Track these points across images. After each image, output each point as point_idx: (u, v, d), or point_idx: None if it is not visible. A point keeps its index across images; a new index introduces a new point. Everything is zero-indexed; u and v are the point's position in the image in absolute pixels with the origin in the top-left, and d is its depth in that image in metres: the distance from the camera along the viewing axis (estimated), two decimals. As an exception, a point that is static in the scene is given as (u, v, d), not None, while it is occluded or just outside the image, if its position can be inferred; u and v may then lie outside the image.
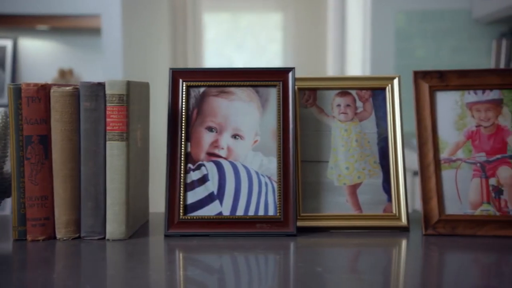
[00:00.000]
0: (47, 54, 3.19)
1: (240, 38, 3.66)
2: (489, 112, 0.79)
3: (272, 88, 0.79)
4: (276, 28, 3.61)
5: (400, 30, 2.44)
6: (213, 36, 3.66)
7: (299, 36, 3.54)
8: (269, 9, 3.67)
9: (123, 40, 2.96)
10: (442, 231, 0.76)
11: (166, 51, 3.44)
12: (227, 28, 3.69)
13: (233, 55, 3.71)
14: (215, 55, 3.70)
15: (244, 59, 3.67)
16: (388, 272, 0.68)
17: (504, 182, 0.77)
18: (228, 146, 0.77)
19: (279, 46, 3.63)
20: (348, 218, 0.78)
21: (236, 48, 3.70)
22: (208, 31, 3.64)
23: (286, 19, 3.61)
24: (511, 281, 0.64)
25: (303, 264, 0.67)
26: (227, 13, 3.74)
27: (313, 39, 3.50)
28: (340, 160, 0.80)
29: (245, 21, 3.69)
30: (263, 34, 3.66)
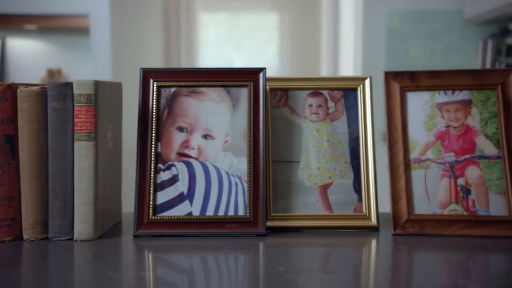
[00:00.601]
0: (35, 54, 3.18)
1: (237, 38, 3.66)
2: (459, 112, 0.80)
3: (243, 88, 0.79)
4: (272, 28, 3.61)
5: (392, 30, 2.45)
6: (211, 36, 3.66)
7: (296, 36, 3.55)
8: (265, 9, 3.67)
9: (112, 39, 2.95)
10: (411, 230, 0.76)
11: (159, 51, 3.43)
12: (223, 29, 3.69)
13: (231, 56, 3.70)
14: (212, 56, 3.69)
15: (242, 60, 3.66)
16: (358, 272, 0.68)
17: (472, 182, 0.77)
18: (199, 146, 0.77)
19: (276, 47, 3.63)
20: (318, 218, 0.78)
21: (233, 49, 3.70)
22: (204, 31, 3.63)
23: (282, 20, 3.61)
24: (478, 280, 0.65)
25: (273, 264, 0.68)
26: (223, 13, 3.74)
27: (309, 39, 3.50)
28: (311, 160, 0.81)
29: (242, 21, 3.69)
30: (261, 35, 3.66)
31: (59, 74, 3.13)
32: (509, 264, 0.71)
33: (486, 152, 0.78)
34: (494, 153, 0.78)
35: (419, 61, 2.45)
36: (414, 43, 2.45)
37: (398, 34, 2.45)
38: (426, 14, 2.43)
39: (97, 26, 2.94)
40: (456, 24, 2.43)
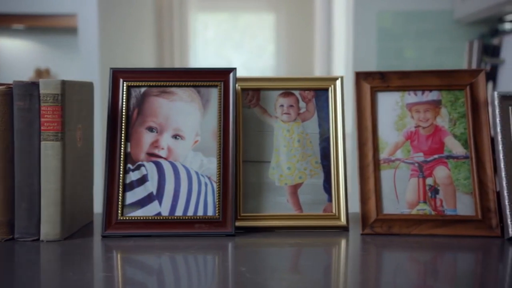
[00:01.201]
0: (23, 54, 3.16)
1: (231, 38, 3.66)
2: (428, 113, 0.80)
3: (213, 88, 0.79)
4: (269, 28, 3.61)
5: (383, 30, 2.46)
6: (204, 36, 3.65)
7: (292, 36, 3.55)
8: (261, 9, 3.67)
9: (100, 39, 2.94)
10: (379, 230, 0.77)
11: (150, 51, 3.42)
12: (217, 28, 3.68)
13: (226, 56, 3.70)
14: (207, 56, 3.68)
15: (237, 60, 3.66)
16: (327, 271, 0.68)
17: (440, 182, 0.78)
18: (169, 146, 0.77)
19: (273, 47, 3.63)
20: (288, 218, 0.79)
21: (228, 49, 3.70)
22: (196, 31, 3.63)
23: (278, 20, 3.62)
24: (446, 279, 0.66)
25: (242, 264, 0.68)
26: (217, 13, 3.74)
27: (305, 39, 3.51)
28: (282, 160, 0.81)
29: (238, 21, 3.69)
30: (257, 35, 3.66)
31: (48, 74, 3.11)
32: (476, 263, 0.72)
33: (454, 152, 0.79)
34: (462, 153, 0.79)
35: (410, 61, 2.46)
36: (405, 43, 2.46)
37: (389, 34, 2.46)
38: (417, 15, 2.44)
39: (85, 26, 2.93)
40: (447, 24, 2.44)
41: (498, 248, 0.72)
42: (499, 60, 2.19)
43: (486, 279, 0.65)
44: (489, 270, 0.68)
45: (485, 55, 2.25)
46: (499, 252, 0.72)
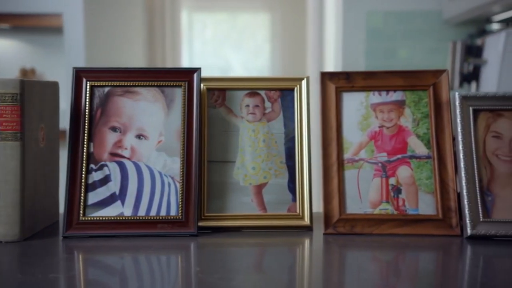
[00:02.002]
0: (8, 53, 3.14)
1: (225, 38, 3.65)
2: (392, 113, 0.81)
3: (177, 88, 0.79)
4: (264, 28, 3.61)
5: (372, 30, 2.47)
6: (200, 36, 3.64)
7: (287, 36, 3.56)
8: (257, 9, 3.67)
9: (85, 39, 2.93)
10: (342, 230, 0.77)
11: (141, 51, 3.40)
12: (211, 28, 3.67)
13: (221, 56, 3.69)
14: (204, 56, 3.67)
15: (230, 60, 3.66)
16: (291, 271, 0.68)
17: (403, 182, 0.78)
18: (132, 146, 0.77)
19: (268, 46, 3.63)
20: (253, 218, 0.79)
21: (221, 49, 3.69)
22: (191, 31, 3.61)
23: (273, 20, 3.62)
24: (408, 278, 0.66)
25: (205, 264, 0.68)
26: (211, 13, 3.73)
27: (299, 38, 3.51)
28: (247, 160, 0.81)
29: (232, 21, 3.69)
30: (252, 34, 3.66)
31: (33, 74, 3.09)
32: (437, 262, 0.72)
33: (417, 152, 0.79)
34: (424, 153, 0.79)
35: (399, 61, 2.47)
36: (394, 43, 2.48)
37: (378, 34, 2.47)
38: (407, 15, 2.46)
39: (70, 26, 2.91)
40: (436, 24, 2.46)
41: (457, 247, 0.73)
42: (482, 61, 2.21)
43: (447, 278, 0.65)
44: (449, 269, 0.69)
45: (468, 55, 2.27)
46: (458, 251, 0.72)
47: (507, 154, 0.75)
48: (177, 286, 0.61)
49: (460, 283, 0.64)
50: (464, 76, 2.28)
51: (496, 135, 0.75)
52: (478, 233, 0.72)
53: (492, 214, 0.73)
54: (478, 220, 0.73)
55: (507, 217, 0.72)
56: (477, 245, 0.72)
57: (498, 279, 0.63)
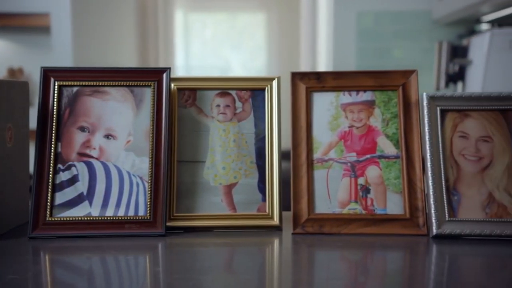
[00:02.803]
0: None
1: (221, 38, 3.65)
2: (362, 113, 0.81)
3: (147, 88, 0.79)
4: (260, 28, 3.61)
5: (362, 31, 2.47)
6: (197, 36, 3.63)
7: (283, 35, 3.56)
8: (253, 9, 3.67)
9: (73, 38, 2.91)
10: (310, 230, 0.77)
11: (132, 51, 3.38)
12: (207, 29, 3.66)
13: (218, 56, 3.68)
14: (200, 56, 3.66)
15: (227, 60, 3.65)
16: (261, 271, 0.69)
17: (372, 181, 0.79)
18: (100, 146, 0.77)
19: (263, 46, 3.64)
20: (222, 217, 0.79)
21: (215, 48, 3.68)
22: (183, 31, 3.60)
23: (269, 19, 3.62)
24: (376, 277, 0.66)
25: (173, 264, 0.68)
26: (208, 13, 3.72)
27: (295, 38, 3.52)
28: (217, 160, 0.81)
29: (227, 21, 3.68)
30: (249, 34, 3.66)
31: (21, 73, 3.08)
32: (405, 262, 0.73)
33: (386, 152, 0.80)
34: (393, 153, 0.80)
35: (390, 61, 2.48)
36: (384, 43, 2.49)
37: (369, 34, 2.48)
38: (397, 15, 2.47)
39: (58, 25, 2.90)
40: (426, 25, 2.47)
41: (424, 246, 0.73)
42: (467, 61, 2.23)
43: (414, 277, 0.66)
44: (416, 268, 0.69)
45: (454, 56, 2.28)
46: (425, 250, 0.73)
47: (473, 154, 0.75)
48: (145, 287, 0.61)
49: (427, 283, 0.64)
50: (449, 77, 2.29)
51: (462, 135, 0.76)
52: (444, 233, 0.72)
53: (458, 214, 0.73)
54: (444, 220, 0.73)
55: (473, 217, 0.73)
56: (443, 244, 0.72)
57: (463, 277, 0.64)
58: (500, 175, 0.74)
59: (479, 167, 0.74)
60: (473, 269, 0.68)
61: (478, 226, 0.72)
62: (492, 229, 0.71)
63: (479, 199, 0.73)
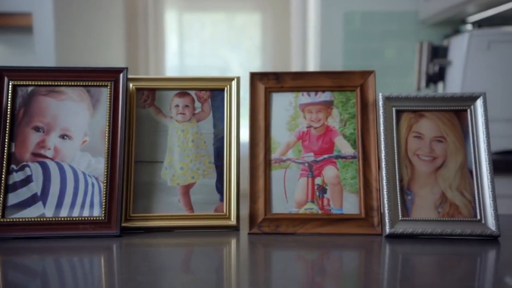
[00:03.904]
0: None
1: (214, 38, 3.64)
2: (320, 113, 0.81)
3: (103, 88, 0.79)
4: (255, 28, 3.61)
5: (349, 31, 2.48)
6: (192, 36, 3.62)
7: (278, 36, 3.56)
8: (248, 9, 3.67)
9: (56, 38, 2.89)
10: (266, 229, 0.77)
11: (120, 51, 3.36)
12: (202, 29, 3.65)
13: (213, 57, 3.68)
14: (194, 56, 3.65)
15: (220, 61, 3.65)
16: (219, 271, 0.68)
17: (329, 181, 0.79)
18: (55, 146, 0.77)
19: (257, 46, 3.64)
20: (179, 218, 0.79)
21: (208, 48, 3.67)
22: (178, 31, 3.59)
23: (264, 19, 3.62)
24: (333, 276, 0.66)
25: (128, 265, 0.67)
26: (203, 13, 3.71)
27: (288, 38, 3.53)
28: (175, 161, 0.81)
29: (221, 21, 3.68)
30: (243, 34, 3.66)
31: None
32: (360, 261, 0.73)
33: (343, 152, 0.80)
34: (350, 153, 0.80)
35: (377, 61, 2.49)
36: (371, 44, 2.50)
37: (356, 35, 2.49)
38: (384, 15, 2.48)
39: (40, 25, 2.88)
40: (412, 25, 2.49)
41: (378, 245, 0.74)
42: (446, 61, 2.25)
43: (368, 276, 0.66)
44: (371, 267, 0.70)
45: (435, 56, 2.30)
46: (378, 249, 0.73)
47: (427, 154, 0.76)
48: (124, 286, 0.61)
49: (381, 282, 0.64)
50: (430, 77, 2.31)
51: (417, 135, 0.76)
52: (396, 232, 0.73)
53: (412, 213, 0.74)
54: (397, 219, 0.73)
55: (425, 216, 0.73)
56: (396, 243, 0.73)
57: (415, 277, 0.64)
58: (453, 175, 0.74)
59: (433, 167, 0.75)
60: (425, 268, 0.68)
61: (430, 226, 0.72)
62: (444, 228, 0.72)
63: (432, 199, 0.74)
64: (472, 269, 0.68)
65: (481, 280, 0.64)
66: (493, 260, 0.70)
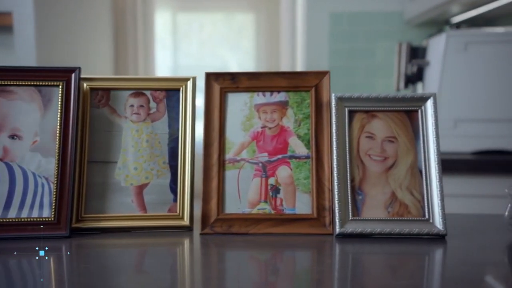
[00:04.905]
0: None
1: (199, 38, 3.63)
2: (275, 113, 0.81)
3: (55, 88, 0.78)
4: (248, 28, 3.61)
5: (335, 31, 2.49)
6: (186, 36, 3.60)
7: (271, 36, 3.56)
8: (242, 10, 3.67)
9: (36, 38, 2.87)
10: (219, 230, 0.77)
11: (107, 52, 3.34)
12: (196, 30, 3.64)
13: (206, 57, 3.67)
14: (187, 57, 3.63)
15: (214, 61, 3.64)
16: (173, 271, 0.68)
17: (282, 181, 0.79)
18: (5, 146, 0.76)
19: (250, 46, 3.63)
20: (132, 218, 0.78)
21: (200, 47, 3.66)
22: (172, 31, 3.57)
23: (258, 19, 3.62)
24: (286, 276, 0.66)
25: (79, 266, 0.67)
26: (196, 13, 3.70)
27: (280, 38, 3.53)
28: (129, 161, 0.80)
29: (213, 21, 3.67)
30: (237, 34, 3.65)
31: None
32: (313, 260, 0.73)
33: (297, 152, 0.80)
34: (304, 153, 0.80)
35: (363, 61, 2.50)
36: (357, 44, 2.50)
37: (341, 35, 2.49)
38: (370, 16, 2.49)
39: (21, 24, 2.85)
40: (398, 25, 2.50)
41: (329, 245, 0.74)
42: (424, 62, 2.26)
43: (321, 275, 0.66)
44: (322, 266, 0.70)
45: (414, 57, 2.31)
46: (330, 249, 0.73)
47: (378, 154, 0.76)
48: None
49: (332, 281, 0.64)
50: (408, 78, 2.32)
51: (369, 135, 0.77)
52: (346, 232, 0.73)
53: (362, 213, 0.74)
54: (348, 219, 0.74)
55: (375, 216, 0.74)
56: (346, 243, 0.73)
57: (365, 276, 0.64)
58: (403, 175, 0.75)
59: (384, 167, 0.75)
60: (375, 267, 0.69)
61: (379, 225, 0.72)
62: (392, 227, 0.72)
63: (382, 199, 0.74)
64: (420, 268, 0.68)
65: (429, 278, 0.65)
66: (440, 258, 0.71)
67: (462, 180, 1.63)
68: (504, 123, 1.77)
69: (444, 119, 1.82)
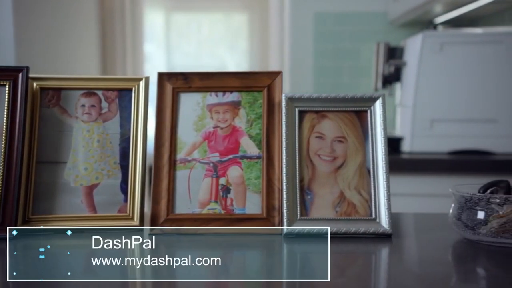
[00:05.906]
0: None
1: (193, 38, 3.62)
2: (227, 113, 0.81)
3: (2, 87, 0.77)
4: (242, 28, 3.60)
5: (319, 32, 2.49)
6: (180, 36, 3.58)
7: (264, 36, 3.56)
8: (235, 9, 3.66)
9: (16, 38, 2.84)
10: (168, 230, 0.77)
11: (93, 52, 3.30)
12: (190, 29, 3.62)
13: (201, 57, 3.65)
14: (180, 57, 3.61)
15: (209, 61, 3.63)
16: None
17: (233, 181, 0.79)
18: (-50, 147, 0.75)
19: (246, 46, 3.62)
20: (81, 219, 0.77)
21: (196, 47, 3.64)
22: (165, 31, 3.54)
23: (251, 19, 3.61)
24: (236, 276, 0.66)
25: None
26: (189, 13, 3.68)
27: (271, 38, 3.53)
28: (79, 161, 0.80)
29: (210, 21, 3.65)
30: (231, 34, 3.64)
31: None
32: (262, 260, 0.73)
33: (249, 152, 0.80)
34: (255, 153, 0.80)
35: (347, 61, 2.50)
36: (342, 44, 2.51)
37: (326, 35, 2.50)
38: (354, 16, 2.49)
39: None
40: (382, 26, 2.50)
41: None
42: (401, 62, 2.27)
43: (270, 275, 0.66)
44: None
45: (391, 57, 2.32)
46: (279, 249, 0.73)
47: (328, 154, 0.76)
48: None
49: (279, 282, 0.64)
50: (385, 78, 2.33)
51: (319, 135, 0.77)
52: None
53: (310, 212, 0.74)
54: (295, 218, 0.74)
55: (323, 215, 0.74)
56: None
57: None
58: (352, 175, 0.75)
59: (333, 167, 0.76)
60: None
61: (327, 225, 0.72)
62: (339, 227, 0.72)
63: (330, 198, 0.74)
64: (367, 267, 0.69)
65: (376, 277, 0.65)
66: (386, 257, 0.71)
67: (438, 179, 1.64)
68: (480, 123, 1.79)
69: (420, 119, 1.83)
